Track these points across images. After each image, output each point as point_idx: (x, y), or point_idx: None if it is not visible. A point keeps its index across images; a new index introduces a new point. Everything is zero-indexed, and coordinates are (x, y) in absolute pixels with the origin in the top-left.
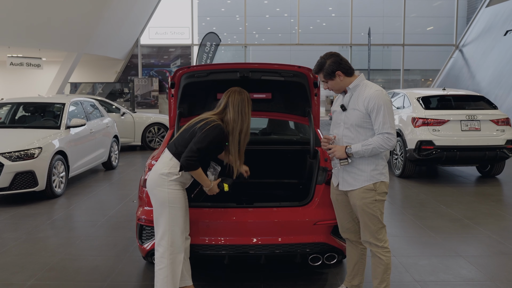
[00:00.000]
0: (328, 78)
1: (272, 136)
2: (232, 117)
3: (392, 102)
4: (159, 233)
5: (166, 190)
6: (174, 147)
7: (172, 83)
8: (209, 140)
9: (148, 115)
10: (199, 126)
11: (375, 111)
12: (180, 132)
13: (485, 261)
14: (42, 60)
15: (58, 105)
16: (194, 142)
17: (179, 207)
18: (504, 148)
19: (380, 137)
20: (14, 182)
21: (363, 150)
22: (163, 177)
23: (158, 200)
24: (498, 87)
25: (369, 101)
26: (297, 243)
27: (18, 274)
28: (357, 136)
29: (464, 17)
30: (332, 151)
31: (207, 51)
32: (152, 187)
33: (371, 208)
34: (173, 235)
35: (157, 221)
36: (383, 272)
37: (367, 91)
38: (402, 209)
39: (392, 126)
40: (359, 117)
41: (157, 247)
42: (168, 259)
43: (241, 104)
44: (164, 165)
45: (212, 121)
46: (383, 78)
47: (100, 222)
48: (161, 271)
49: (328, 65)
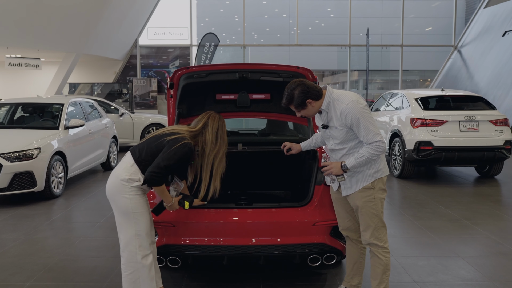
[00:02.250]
0: (300, 109)
1: (271, 137)
2: (210, 139)
3: (367, 107)
4: (124, 239)
5: (128, 196)
6: (137, 153)
7: (171, 83)
8: (177, 158)
9: (147, 115)
10: (168, 139)
11: (354, 125)
12: (147, 139)
13: (484, 261)
14: (41, 61)
15: (57, 106)
16: (162, 158)
17: (142, 211)
18: (502, 148)
19: (369, 147)
20: (12, 183)
21: (357, 163)
22: (124, 183)
23: (120, 207)
24: (496, 87)
25: (345, 116)
26: (296, 244)
27: (17, 275)
28: (346, 148)
29: (463, 17)
30: (329, 167)
31: (206, 51)
32: (113, 193)
33: (371, 207)
34: (140, 239)
35: (121, 227)
36: (382, 273)
37: (339, 106)
38: (401, 210)
39: (377, 133)
40: (342, 134)
41: (123, 253)
42: (138, 262)
43: (220, 129)
44: (124, 171)
45: (182, 138)
46: (381, 79)
47: (99, 223)
48: (131, 275)
49: (296, 96)
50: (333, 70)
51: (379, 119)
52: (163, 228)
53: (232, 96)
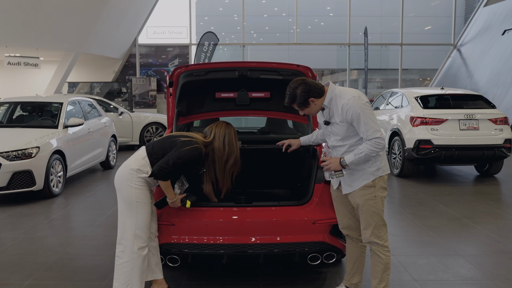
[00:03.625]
0: (303, 107)
1: (270, 135)
2: (217, 147)
3: (369, 104)
4: (123, 227)
5: (134, 185)
6: (151, 147)
7: (171, 82)
8: (186, 158)
9: (146, 114)
10: (182, 140)
11: (355, 120)
12: (164, 137)
13: (484, 260)
14: (40, 60)
15: (56, 105)
16: (172, 156)
17: (145, 202)
18: (502, 147)
19: (369, 143)
20: (11, 182)
21: (356, 159)
22: (133, 173)
23: (124, 195)
24: (496, 86)
25: (346, 112)
26: (296, 242)
27: (16, 273)
28: (347, 144)
29: (462, 16)
30: (327, 162)
31: (205, 50)
32: (120, 181)
33: (372, 205)
34: (139, 230)
35: (122, 216)
36: (382, 272)
37: (340, 101)
38: (401, 208)
39: (377, 129)
40: (343, 130)
41: (121, 240)
42: (133, 252)
43: (228, 136)
44: (135, 162)
45: (195, 142)
46: (381, 78)
47: (98, 222)
48: (126, 264)
49: (299, 95)
50: (332, 69)
51: (378, 117)
52: (163, 226)
53: (232, 94)
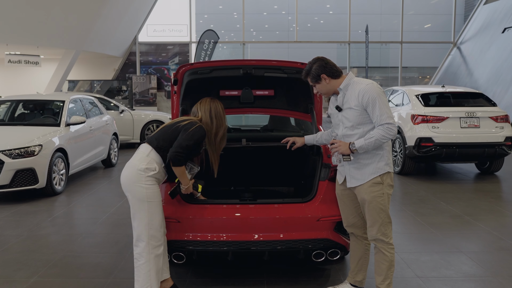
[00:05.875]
0: (314, 82)
1: (274, 133)
2: (205, 121)
3: (385, 93)
4: (138, 228)
5: (144, 186)
6: (155, 142)
7: (175, 79)
8: (196, 138)
9: (146, 112)
10: (182, 124)
11: (370, 104)
12: (160, 129)
13: (486, 257)
14: (40, 58)
15: (58, 103)
16: (183, 139)
17: (157, 201)
18: (503, 145)
19: (381, 128)
20: (14, 180)
21: (366, 144)
22: (141, 173)
23: (136, 196)
24: (496, 84)
25: (363, 95)
26: (300, 239)
27: (21, 271)
28: (357, 134)
29: (462, 14)
30: (337, 145)
31: (205, 48)
32: (129, 183)
33: (379, 202)
34: (153, 229)
35: (135, 217)
36: (387, 269)
37: (358, 86)
38: (402, 206)
39: (390, 116)
40: (355, 115)
41: (137, 242)
42: (150, 253)
43: (214, 109)
44: (141, 161)
45: (195, 122)
46: (381, 76)
47: (101, 220)
48: (144, 265)
49: (314, 69)
50: None
51: None
52: (168, 223)
53: (236, 92)
